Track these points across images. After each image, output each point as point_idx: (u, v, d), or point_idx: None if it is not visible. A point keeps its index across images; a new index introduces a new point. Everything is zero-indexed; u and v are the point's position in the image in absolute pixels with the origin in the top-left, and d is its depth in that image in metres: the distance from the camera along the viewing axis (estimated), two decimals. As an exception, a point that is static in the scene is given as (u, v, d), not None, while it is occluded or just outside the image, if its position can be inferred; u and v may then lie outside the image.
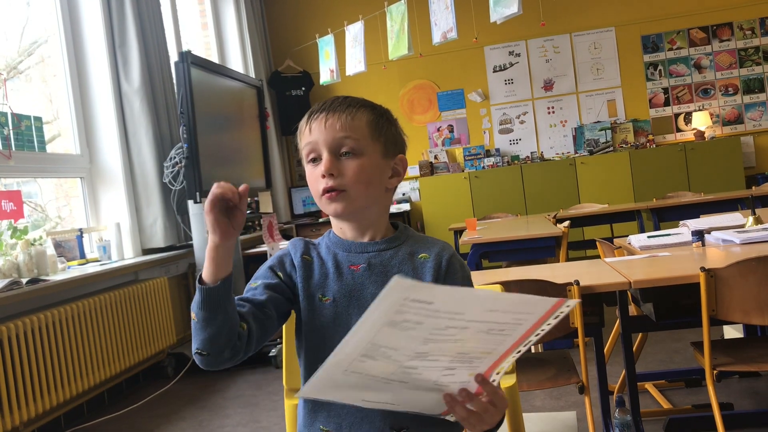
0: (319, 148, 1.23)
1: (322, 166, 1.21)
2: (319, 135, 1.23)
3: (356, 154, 1.22)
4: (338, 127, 1.22)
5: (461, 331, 0.93)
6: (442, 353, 0.96)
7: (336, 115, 1.23)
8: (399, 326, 0.90)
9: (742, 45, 7.62)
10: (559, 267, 3.01)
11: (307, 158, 1.25)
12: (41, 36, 4.80)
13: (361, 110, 1.25)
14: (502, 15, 4.96)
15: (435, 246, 1.29)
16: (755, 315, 2.16)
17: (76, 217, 4.83)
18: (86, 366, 3.76)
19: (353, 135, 1.22)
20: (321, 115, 1.24)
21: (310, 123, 1.25)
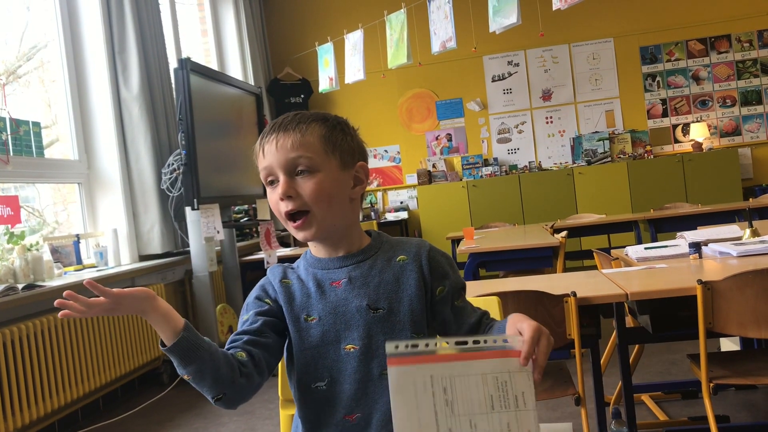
0: (274, 170, 1.21)
1: (279, 189, 1.20)
2: (272, 157, 1.21)
3: (312, 171, 1.20)
4: (290, 146, 1.20)
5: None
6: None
7: (286, 134, 1.21)
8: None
9: (740, 57, 7.65)
10: (556, 278, 3.01)
11: (265, 181, 1.24)
12: (41, 41, 4.81)
13: (312, 126, 1.23)
14: (501, 25, 4.98)
15: (411, 246, 1.29)
16: (752, 328, 2.15)
17: (74, 222, 4.82)
18: (82, 372, 3.75)
19: (306, 153, 1.20)
20: (272, 137, 1.23)
21: (262, 146, 1.24)
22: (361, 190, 1.28)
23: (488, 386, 1.00)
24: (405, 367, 0.96)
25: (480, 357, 1.00)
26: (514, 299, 2.21)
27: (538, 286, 2.35)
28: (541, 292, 2.24)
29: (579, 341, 2.24)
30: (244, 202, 5.96)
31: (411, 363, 0.97)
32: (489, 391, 0.99)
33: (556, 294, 2.23)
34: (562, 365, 2.57)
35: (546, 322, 2.21)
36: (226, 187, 5.24)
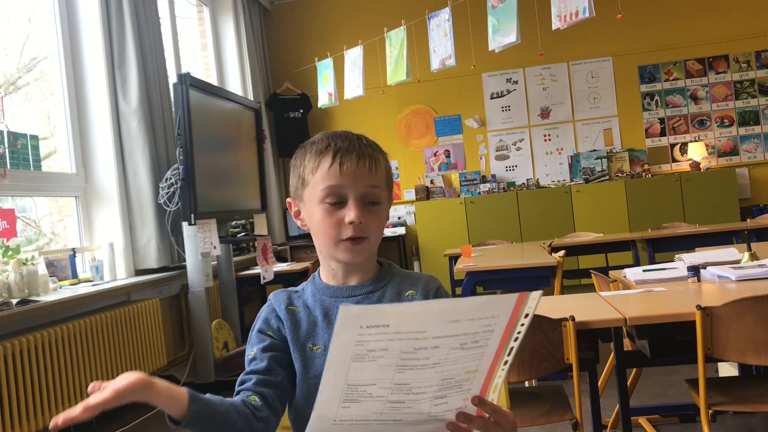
0: (346, 194, 1.18)
1: (353, 213, 1.17)
2: (350, 180, 1.18)
3: (378, 203, 1.21)
4: (368, 174, 1.19)
5: (433, 351, 0.90)
6: (426, 383, 0.93)
7: (366, 160, 1.20)
8: (366, 358, 0.88)
9: (738, 77, 7.68)
10: (554, 300, 2.99)
11: (324, 199, 1.19)
12: (41, 53, 4.81)
13: (380, 156, 1.24)
14: (500, 44, 5.00)
15: (420, 281, 1.28)
16: (751, 355, 2.14)
17: (70, 235, 4.80)
18: (75, 388, 3.71)
19: (379, 184, 1.21)
20: (352, 158, 1.18)
21: (339, 162, 1.18)
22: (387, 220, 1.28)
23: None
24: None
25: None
26: (512, 323, 2.19)
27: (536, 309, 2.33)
28: (539, 315, 2.22)
29: (577, 366, 2.22)
30: (242, 217, 5.95)
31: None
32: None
33: (555, 318, 2.21)
34: (560, 388, 2.56)
35: (544, 345, 2.21)
36: (224, 201, 5.22)
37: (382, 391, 0.92)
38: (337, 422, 0.95)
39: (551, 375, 3.57)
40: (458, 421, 0.98)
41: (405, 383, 0.92)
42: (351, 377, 0.90)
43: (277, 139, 7.92)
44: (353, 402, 0.93)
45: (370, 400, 0.93)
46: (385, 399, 0.93)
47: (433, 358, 0.90)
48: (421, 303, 0.90)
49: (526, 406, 2.41)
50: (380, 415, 0.95)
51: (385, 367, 0.90)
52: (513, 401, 2.32)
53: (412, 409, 0.96)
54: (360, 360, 0.89)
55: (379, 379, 0.91)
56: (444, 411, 0.98)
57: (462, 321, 0.89)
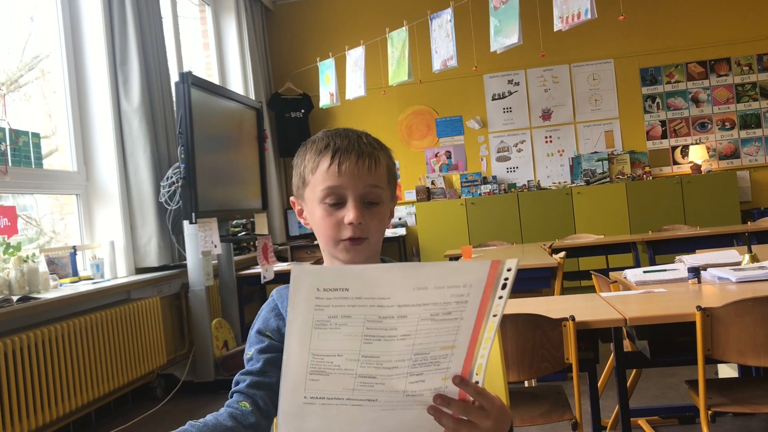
0: (344, 193, 1.17)
1: (351, 214, 1.15)
2: (349, 180, 1.16)
3: (378, 203, 1.19)
4: (367, 174, 1.17)
5: (401, 321, 0.85)
6: (397, 356, 0.88)
7: (365, 159, 1.17)
8: (329, 326, 0.84)
9: (740, 80, 7.68)
10: (554, 301, 2.99)
11: (323, 199, 1.18)
12: (43, 51, 4.81)
13: (381, 155, 1.21)
14: (502, 45, 5.00)
15: None
16: (751, 356, 2.14)
17: (71, 233, 4.80)
18: (75, 386, 3.72)
19: (380, 184, 1.19)
20: (351, 157, 1.17)
21: (338, 162, 1.17)
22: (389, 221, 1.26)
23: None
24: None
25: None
26: (512, 323, 2.20)
27: (536, 309, 2.34)
28: (539, 315, 2.22)
29: (577, 366, 2.22)
30: (243, 216, 5.95)
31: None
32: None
33: (555, 318, 2.22)
34: (560, 389, 2.56)
35: (544, 345, 2.21)
36: (225, 200, 5.23)
37: (351, 363, 0.88)
38: (308, 400, 0.91)
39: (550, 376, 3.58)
40: (435, 403, 0.93)
41: (374, 355, 0.87)
42: (315, 346, 0.86)
43: (279, 139, 7.93)
44: (321, 374, 0.88)
45: (339, 372, 0.89)
46: (355, 372, 0.89)
47: (402, 328, 0.86)
48: (383, 266, 0.84)
49: (526, 406, 2.41)
50: (352, 392, 0.91)
51: (351, 337, 0.86)
52: (512, 401, 2.32)
53: (386, 386, 0.91)
54: (322, 327, 0.85)
55: (345, 350, 0.87)
56: (422, 390, 0.92)
57: (429, 289, 0.84)
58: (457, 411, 0.94)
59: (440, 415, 0.94)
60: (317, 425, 0.93)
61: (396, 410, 0.94)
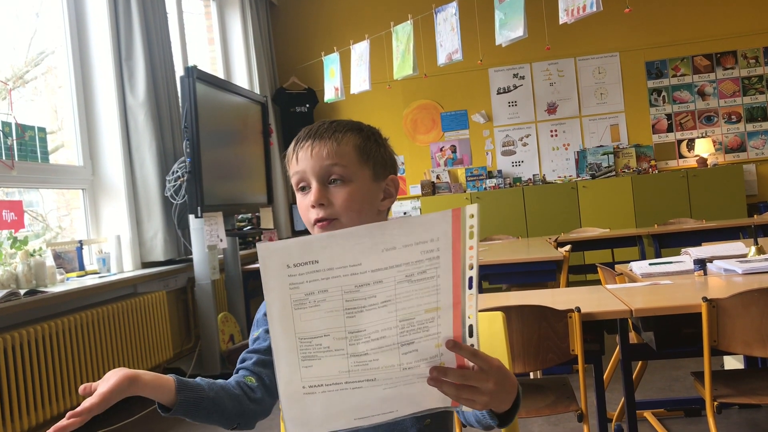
0: (307, 177, 1.20)
1: (311, 196, 1.19)
2: (306, 164, 1.20)
3: (345, 181, 1.19)
4: (325, 154, 1.19)
5: (378, 287, 0.85)
6: (383, 325, 0.87)
7: (322, 142, 1.20)
8: (308, 304, 0.84)
9: (746, 73, 7.65)
10: (559, 293, 2.99)
11: (296, 187, 1.23)
12: (48, 47, 4.83)
13: (348, 135, 1.22)
14: (507, 38, 4.99)
15: None
16: (757, 347, 2.14)
17: (77, 228, 4.82)
18: (81, 380, 3.73)
19: (341, 162, 1.19)
20: (307, 143, 1.21)
21: (297, 151, 1.22)
22: (389, 203, 1.26)
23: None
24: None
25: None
26: (517, 314, 2.20)
27: (542, 300, 2.34)
28: (544, 306, 2.23)
29: (582, 357, 2.22)
30: (248, 210, 5.96)
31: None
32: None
33: (560, 309, 2.22)
34: (565, 380, 2.56)
35: (549, 337, 2.21)
36: (230, 195, 5.24)
37: (339, 342, 0.87)
38: (308, 390, 0.90)
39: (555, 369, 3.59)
40: (431, 375, 0.92)
41: (360, 330, 0.87)
42: (299, 329, 0.85)
43: (284, 134, 7.93)
44: (313, 359, 0.88)
45: (330, 354, 0.88)
46: (346, 352, 0.88)
47: (381, 295, 0.85)
48: (347, 230, 0.84)
49: (531, 397, 2.41)
50: (349, 374, 0.90)
51: (333, 313, 0.85)
52: (518, 392, 2.33)
53: (380, 362, 0.90)
54: (301, 307, 0.84)
55: (330, 328, 0.86)
56: (417, 361, 0.91)
57: (398, 248, 0.84)
58: (455, 379, 0.93)
59: (440, 384, 0.93)
60: (323, 415, 0.93)
61: (398, 387, 0.93)
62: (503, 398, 0.97)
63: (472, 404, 0.94)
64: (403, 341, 0.89)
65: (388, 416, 0.96)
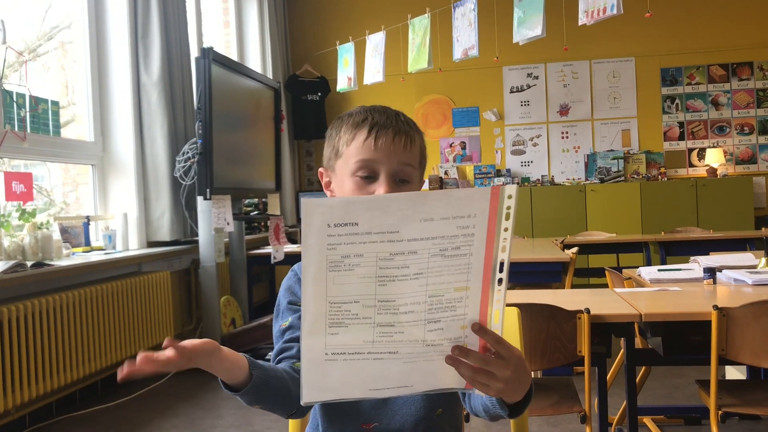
0: (378, 168, 1.17)
1: (382, 189, 1.15)
2: (384, 155, 1.16)
3: (410, 182, 1.19)
4: (403, 152, 1.17)
5: (412, 257, 0.86)
6: (412, 298, 0.89)
7: (402, 137, 1.18)
8: (343, 267, 0.85)
9: (761, 85, 7.61)
10: (568, 293, 2.98)
11: (355, 172, 1.18)
12: (63, 20, 4.81)
13: (416, 135, 1.22)
14: (525, 37, 4.96)
15: None
16: (765, 358, 2.13)
17: (83, 205, 4.82)
18: (83, 354, 3.74)
19: (413, 162, 1.20)
20: (389, 133, 1.17)
21: (375, 136, 1.17)
22: None
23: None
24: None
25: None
26: (526, 312, 2.19)
27: (550, 300, 2.33)
28: (554, 306, 2.22)
29: (589, 359, 2.22)
30: (256, 195, 5.95)
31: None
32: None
33: (570, 309, 2.21)
34: (569, 381, 2.55)
35: (557, 336, 2.20)
36: (239, 179, 5.23)
37: (368, 310, 0.88)
38: (330, 357, 0.91)
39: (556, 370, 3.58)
40: (453, 354, 0.93)
41: (390, 299, 0.88)
42: (331, 293, 0.86)
43: (294, 122, 7.92)
44: (340, 326, 0.89)
45: (358, 322, 0.89)
46: (373, 321, 0.89)
47: (414, 266, 0.87)
48: (389, 195, 0.86)
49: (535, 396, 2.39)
50: (372, 344, 0.91)
51: (365, 279, 0.86)
52: (522, 391, 2.32)
53: (405, 335, 0.91)
54: (336, 269, 0.85)
55: (361, 295, 0.87)
56: (441, 339, 0.92)
57: (436, 220, 0.85)
58: (475, 362, 0.93)
59: (458, 364, 0.93)
60: (340, 382, 0.93)
61: (418, 362, 0.94)
62: (517, 389, 0.97)
63: (486, 389, 0.95)
64: (430, 318, 0.91)
65: (402, 390, 0.97)
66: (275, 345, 1.23)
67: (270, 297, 6.60)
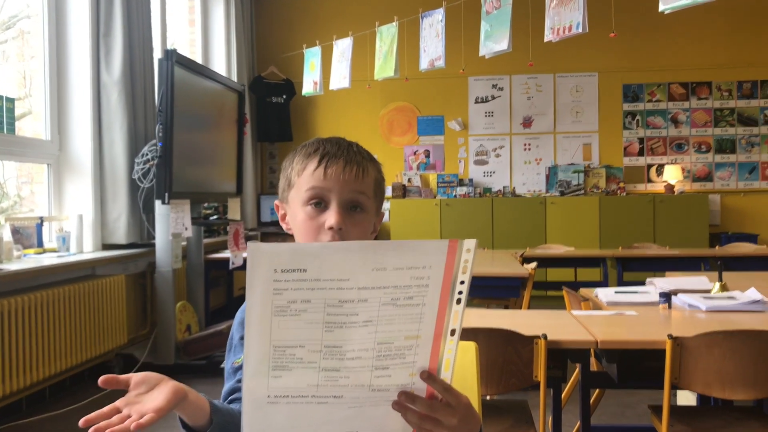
0: (328, 196, 1.16)
1: (333, 220, 1.14)
2: (334, 183, 1.16)
3: (364, 211, 1.18)
4: (355, 180, 1.17)
5: (362, 306, 0.84)
6: (360, 345, 0.87)
7: (354, 166, 1.17)
8: (289, 312, 0.83)
9: (719, 105, 7.78)
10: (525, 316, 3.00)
11: (308, 201, 1.17)
12: (22, 11, 4.68)
13: (370, 165, 1.22)
14: (491, 50, 4.99)
15: None
16: (716, 387, 2.16)
17: (39, 202, 4.70)
18: (31, 360, 3.63)
19: (366, 191, 1.19)
20: (339, 162, 1.17)
21: (324, 165, 1.17)
22: (373, 237, 1.26)
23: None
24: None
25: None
26: (484, 337, 2.19)
27: (508, 322, 2.33)
28: (512, 331, 2.22)
29: (545, 384, 2.22)
30: (216, 200, 5.88)
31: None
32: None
33: (527, 335, 2.21)
34: (524, 404, 2.56)
35: (514, 362, 2.21)
36: (199, 181, 5.15)
37: (313, 355, 0.86)
38: (272, 399, 0.89)
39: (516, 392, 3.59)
40: (400, 400, 0.91)
41: (336, 345, 0.86)
42: (276, 337, 0.84)
43: (258, 124, 7.84)
44: (283, 369, 0.86)
45: (302, 366, 0.87)
46: (318, 365, 0.87)
47: (363, 314, 0.85)
48: (340, 243, 0.84)
49: (489, 419, 2.40)
50: (317, 388, 0.89)
51: (312, 324, 0.84)
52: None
53: (351, 380, 0.89)
54: (282, 314, 0.83)
55: (307, 339, 0.85)
56: (388, 385, 0.91)
57: (389, 270, 0.83)
58: (422, 409, 0.93)
59: (405, 410, 0.93)
60: (283, 426, 0.91)
61: (363, 407, 0.92)
62: None
63: None
64: (378, 365, 0.89)
65: None
66: (226, 381, 1.20)
67: (227, 302, 6.52)
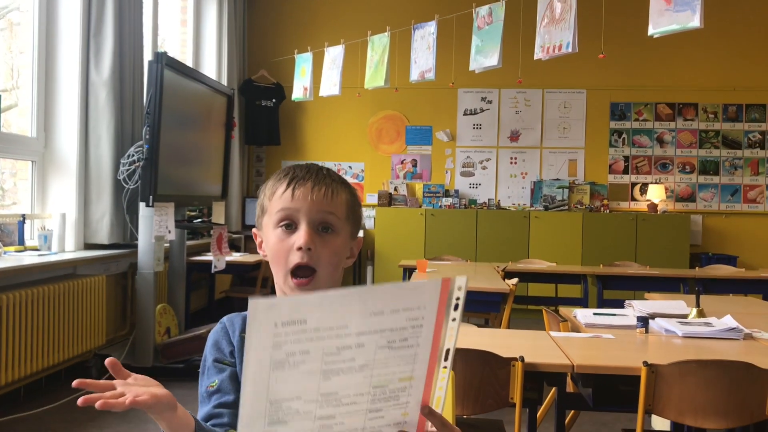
0: (297, 217, 1.18)
1: (302, 239, 1.16)
2: (302, 204, 1.18)
3: (334, 232, 1.20)
4: (324, 200, 1.18)
5: (359, 351, 0.84)
6: (356, 390, 0.87)
7: (322, 188, 1.19)
8: (287, 365, 0.82)
9: (704, 127, 7.86)
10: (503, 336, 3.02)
11: (278, 223, 1.19)
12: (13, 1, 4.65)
13: (341, 188, 1.23)
14: (481, 65, 5.02)
15: None
16: (689, 416, 2.19)
17: (21, 199, 4.67)
18: (6, 360, 3.60)
19: (336, 212, 1.20)
20: (307, 184, 1.19)
21: (293, 187, 1.19)
22: (351, 262, 1.27)
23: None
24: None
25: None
26: (462, 357, 2.20)
27: (487, 342, 2.35)
28: (489, 352, 2.23)
29: (520, 406, 2.24)
30: (201, 203, 5.86)
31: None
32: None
33: (504, 356, 2.23)
34: (499, 424, 2.58)
35: (491, 383, 2.22)
36: (184, 184, 5.13)
37: (310, 405, 0.86)
38: None
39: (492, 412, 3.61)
40: None
41: (333, 392, 0.86)
42: (273, 391, 0.83)
43: (246, 126, 7.83)
44: (280, 423, 0.86)
45: (298, 418, 0.86)
46: (314, 415, 0.86)
47: (360, 358, 0.85)
48: (340, 291, 0.82)
49: (465, 438, 2.41)
50: None
51: (309, 375, 0.84)
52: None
53: (345, 426, 0.89)
54: (280, 368, 0.82)
55: (303, 391, 0.85)
56: (381, 426, 0.91)
57: (386, 314, 0.84)
58: None
59: None
60: None
61: None
62: None
63: None
64: (372, 408, 0.90)
65: None
66: (201, 405, 1.20)
67: (208, 304, 6.50)
